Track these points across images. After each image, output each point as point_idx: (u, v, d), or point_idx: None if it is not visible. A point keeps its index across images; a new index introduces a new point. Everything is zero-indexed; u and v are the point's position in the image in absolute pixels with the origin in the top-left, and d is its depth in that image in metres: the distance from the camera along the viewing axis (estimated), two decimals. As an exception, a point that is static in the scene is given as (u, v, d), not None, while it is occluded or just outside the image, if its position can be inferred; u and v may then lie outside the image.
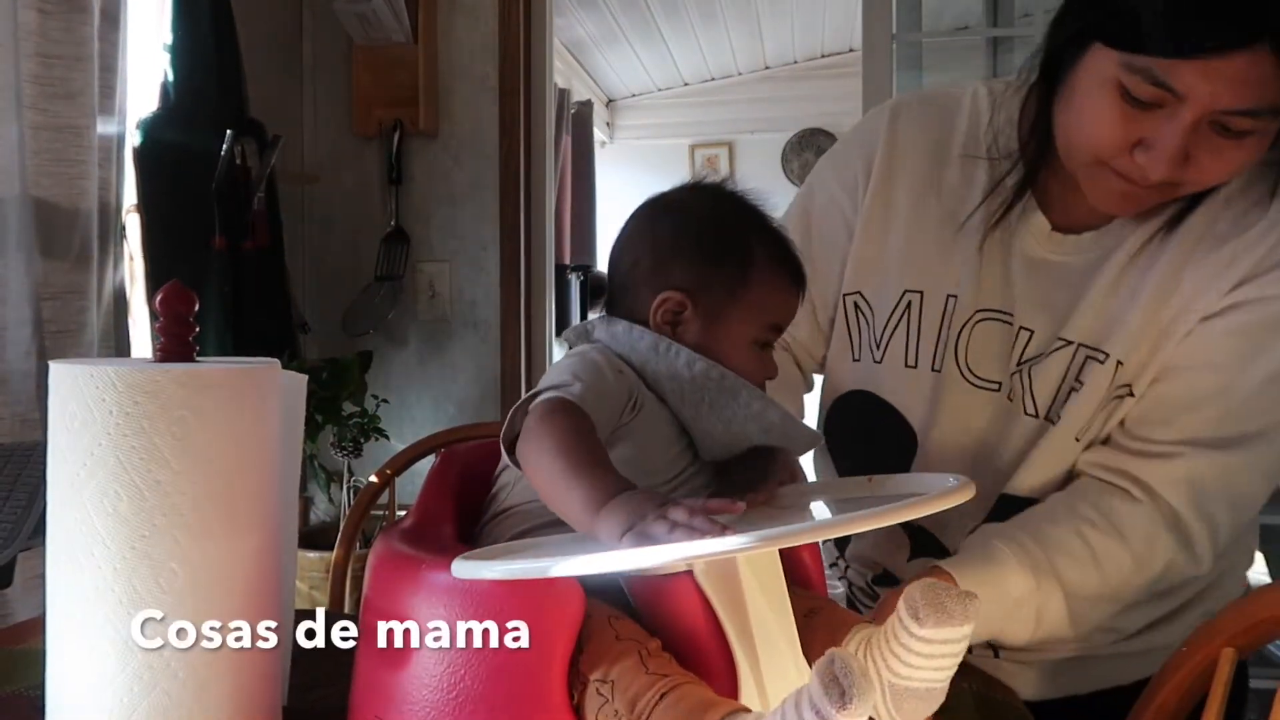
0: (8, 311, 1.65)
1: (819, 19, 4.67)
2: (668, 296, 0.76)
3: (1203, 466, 0.88)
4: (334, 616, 0.68)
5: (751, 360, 0.77)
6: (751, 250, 0.77)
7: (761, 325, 0.77)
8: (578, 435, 0.65)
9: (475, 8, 2.65)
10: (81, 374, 0.62)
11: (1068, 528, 0.87)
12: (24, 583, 1.12)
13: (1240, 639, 0.75)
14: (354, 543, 1.46)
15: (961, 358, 0.98)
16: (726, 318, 0.76)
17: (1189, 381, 0.90)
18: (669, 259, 0.77)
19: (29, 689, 0.84)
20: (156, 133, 2.13)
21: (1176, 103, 0.78)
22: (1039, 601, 0.82)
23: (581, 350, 0.75)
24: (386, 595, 0.66)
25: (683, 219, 0.79)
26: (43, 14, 1.68)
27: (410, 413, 2.67)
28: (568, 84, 4.64)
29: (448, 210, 2.68)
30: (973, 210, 0.98)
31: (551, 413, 0.66)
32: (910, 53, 2.60)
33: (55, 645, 0.64)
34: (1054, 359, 0.94)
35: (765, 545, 0.53)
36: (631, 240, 0.80)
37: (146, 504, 0.61)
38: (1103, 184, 0.87)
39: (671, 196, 0.81)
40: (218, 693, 0.64)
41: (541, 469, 0.64)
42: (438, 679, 0.61)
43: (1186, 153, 0.80)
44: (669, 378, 0.74)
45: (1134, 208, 0.89)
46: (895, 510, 0.56)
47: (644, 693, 0.57)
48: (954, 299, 0.98)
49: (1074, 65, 0.85)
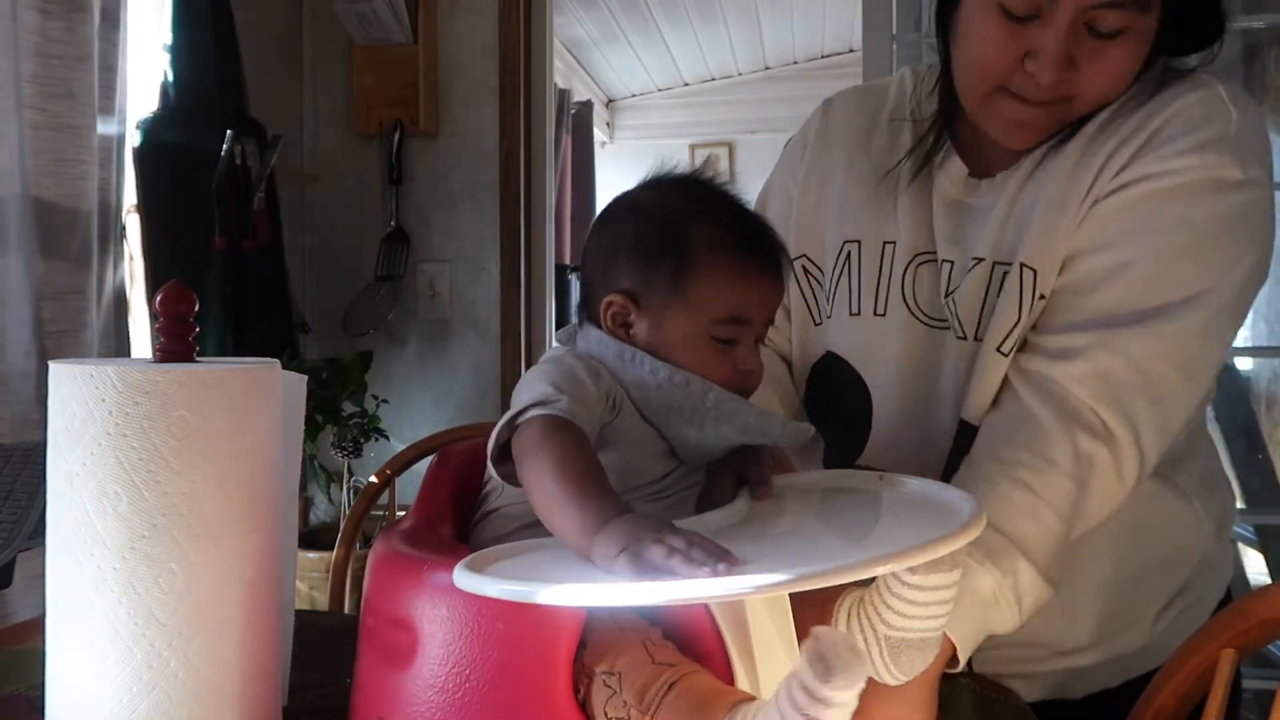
0: (8, 311, 1.65)
1: (819, 19, 4.67)
2: (611, 300, 0.74)
3: (1108, 357, 0.86)
4: (334, 616, 0.68)
5: (709, 359, 0.73)
6: (691, 241, 0.73)
7: (714, 319, 0.73)
8: (576, 455, 0.64)
9: (475, 8, 2.65)
10: (81, 374, 0.62)
11: (1003, 481, 0.83)
12: (24, 583, 1.12)
13: (1240, 639, 0.75)
14: (354, 543, 1.46)
15: (910, 299, 1.00)
16: (672, 315, 0.73)
17: (1086, 265, 0.90)
18: (612, 260, 0.75)
19: (29, 689, 0.84)
20: (156, 133, 2.14)
21: (1050, 9, 0.85)
22: (1011, 582, 0.80)
23: (556, 356, 0.74)
24: (388, 596, 0.66)
25: (627, 215, 0.77)
26: (43, 14, 1.68)
27: (410, 413, 2.67)
28: (568, 84, 4.64)
29: (448, 210, 2.68)
30: (898, 162, 1.03)
31: (549, 432, 0.65)
32: (910, 53, 2.60)
33: (55, 645, 0.64)
34: (970, 277, 0.95)
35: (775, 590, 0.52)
36: (589, 243, 0.79)
37: (146, 504, 0.61)
38: (1001, 113, 0.91)
39: (627, 194, 0.80)
40: (218, 693, 0.64)
41: (541, 490, 0.63)
42: (442, 679, 0.61)
43: (1070, 57, 0.86)
44: (636, 386, 0.72)
45: (1032, 135, 0.93)
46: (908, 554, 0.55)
47: (652, 683, 0.57)
48: (892, 245, 1.02)
49: (956, 5, 0.92)
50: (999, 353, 0.92)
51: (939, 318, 0.98)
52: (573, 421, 0.66)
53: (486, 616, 0.60)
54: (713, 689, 0.57)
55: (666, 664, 0.58)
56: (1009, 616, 0.80)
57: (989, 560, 0.79)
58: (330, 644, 0.96)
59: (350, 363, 2.41)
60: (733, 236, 0.75)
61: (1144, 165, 0.88)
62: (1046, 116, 0.91)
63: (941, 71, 0.99)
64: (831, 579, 0.53)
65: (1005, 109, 0.91)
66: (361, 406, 2.43)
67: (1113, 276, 0.88)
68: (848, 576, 0.53)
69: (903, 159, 1.03)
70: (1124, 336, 0.86)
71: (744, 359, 0.75)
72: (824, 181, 1.09)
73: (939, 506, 0.68)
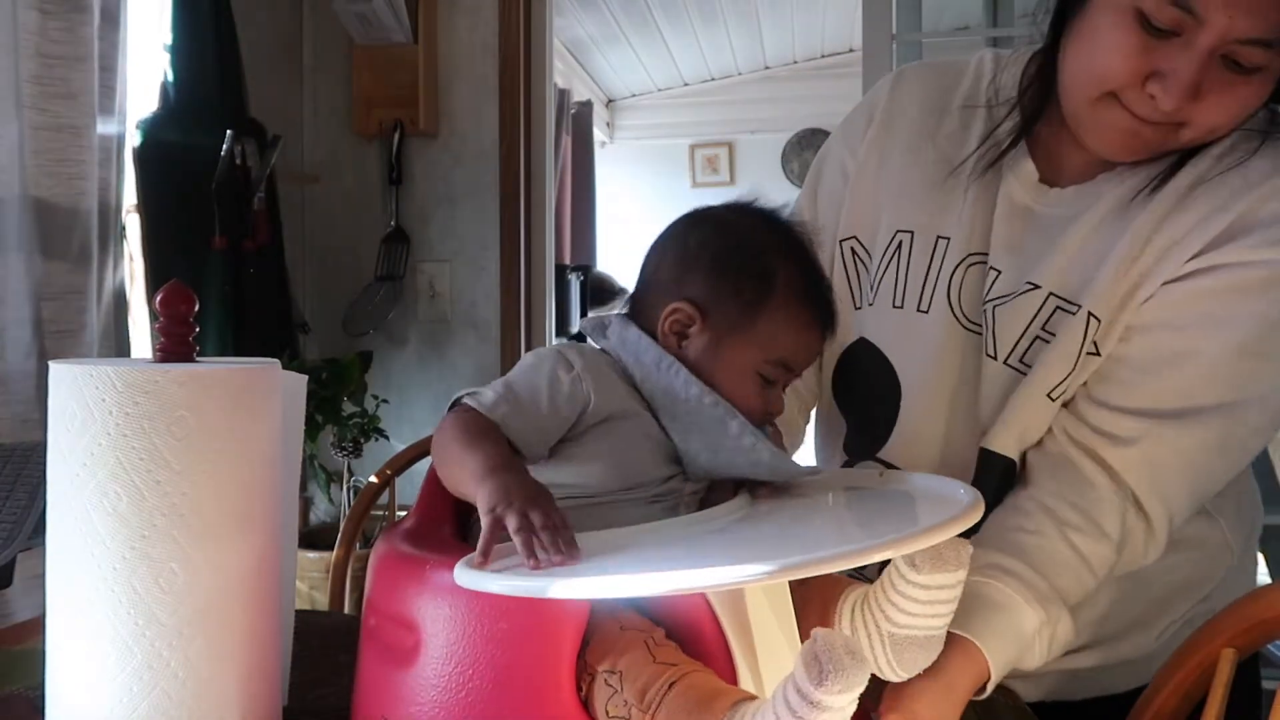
0: (8, 311, 1.65)
1: (819, 19, 4.67)
2: (678, 308, 0.75)
3: (1161, 447, 0.86)
4: (334, 616, 0.68)
5: (751, 393, 0.75)
6: (774, 278, 0.75)
7: (768, 358, 0.75)
8: (479, 422, 0.69)
9: (475, 8, 2.65)
10: (81, 374, 0.62)
11: (1056, 539, 0.84)
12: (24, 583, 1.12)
13: (1240, 639, 0.75)
14: (354, 543, 1.46)
15: (955, 301, 0.97)
16: (733, 342, 0.75)
17: (1150, 343, 0.87)
18: (690, 270, 0.76)
19: (29, 689, 0.84)
20: (157, 133, 2.13)
21: (1194, 29, 0.79)
22: (1050, 629, 0.81)
23: (548, 353, 0.75)
24: (390, 595, 0.66)
25: (714, 233, 0.78)
26: (43, 14, 1.68)
27: (410, 413, 2.67)
28: (568, 84, 4.64)
29: (448, 210, 2.68)
30: (967, 155, 0.98)
31: (450, 415, 0.71)
32: (910, 53, 2.60)
33: (55, 645, 0.64)
34: (1021, 301, 0.92)
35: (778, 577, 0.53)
36: (662, 246, 0.80)
37: (146, 504, 0.61)
38: (1107, 121, 0.87)
39: (713, 210, 0.81)
40: (218, 693, 0.64)
41: (444, 453, 0.69)
42: (445, 678, 0.61)
43: (1198, 86, 0.81)
44: (664, 393, 0.73)
45: (1134, 150, 0.88)
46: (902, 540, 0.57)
47: (653, 682, 0.57)
48: (945, 241, 0.98)
49: (1084, 1, 0.86)
50: (1049, 398, 0.90)
51: (978, 322, 0.96)
52: (488, 419, 0.70)
53: (490, 615, 0.60)
54: (713, 688, 0.57)
55: (668, 663, 0.58)
56: (1038, 655, 0.81)
57: (1039, 603, 0.80)
58: (330, 644, 0.96)
59: (350, 363, 2.41)
60: (810, 288, 0.77)
61: (1231, 251, 0.85)
62: (1154, 135, 0.86)
63: (1042, 63, 0.94)
64: (827, 566, 0.53)
65: (1112, 117, 0.86)
66: (361, 406, 2.43)
67: (1178, 363, 0.86)
68: (843, 564, 0.53)
69: (974, 151, 0.98)
70: (1177, 429, 0.86)
71: (776, 400, 0.77)
72: (882, 163, 1.04)
73: (938, 499, 0.69)
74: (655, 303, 0.77)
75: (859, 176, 1.05)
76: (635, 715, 0.57)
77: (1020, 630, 0.79)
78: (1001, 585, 0.80)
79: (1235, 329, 0.85)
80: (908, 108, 1.05)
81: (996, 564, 0.82)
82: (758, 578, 0.52)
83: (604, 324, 0.79)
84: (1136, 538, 0.87)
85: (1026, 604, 0.80)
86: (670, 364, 0.74)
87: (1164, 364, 0.86)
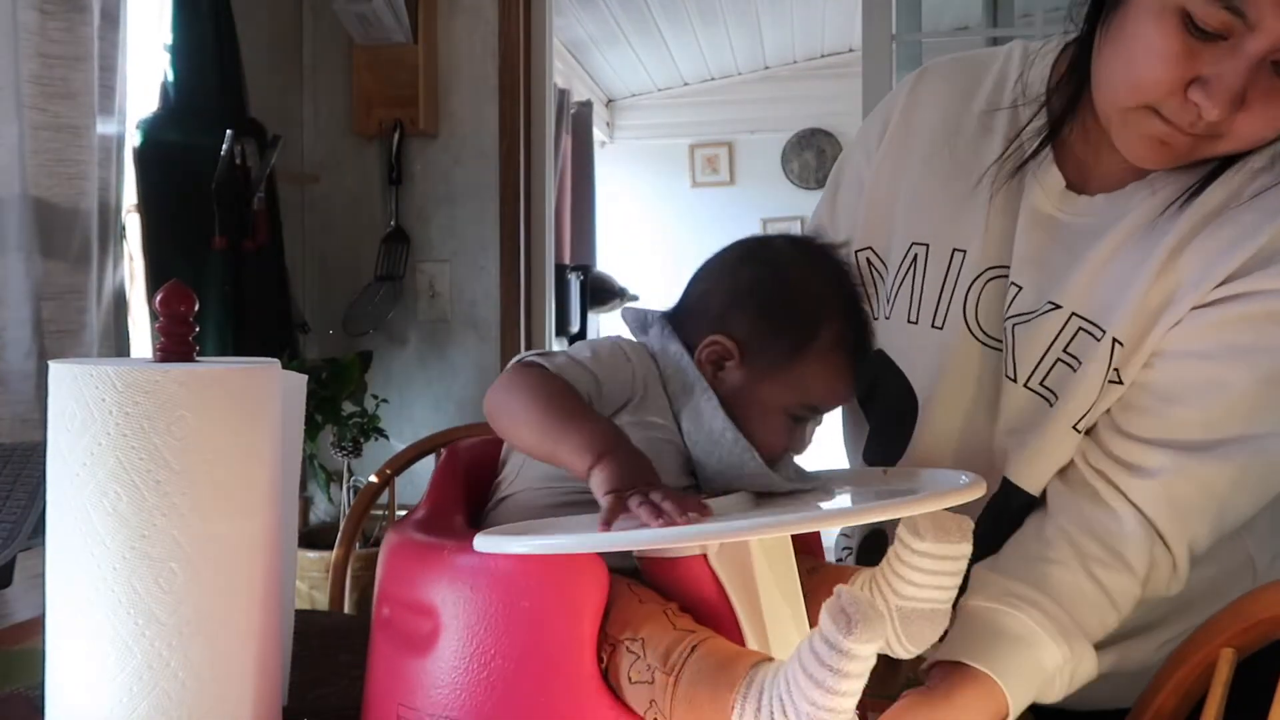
0: (8, 311, 1.65)
1: (819, 19, 4.67)
2: (718, 341, 0.76)
3: (1183, 481, 0.82)
4: (334, 616, 0.68)
5: (777, 431, 0.76)
6: (819, 328, 0.76)
7: (799, 402, 0.77)
8: (563, 389, 0.70)
9: (475, 8, 2.65)
10: (81, 374, 0.62)
11: (1079, 571, 0.81)
12: (24, 583, 1.12)
13: (1239, 639, 0.75)
14: (354, 543, 1.46)
15: (972, 315, 0.93)
16: (768, 383, 0.76)
17: (1175, 371, 0.84)
18: (736, 306, 0.77)
19: (29, 689, 0.84)
20: (156, 133, 2.14)
21: (1243, 34, 0.73)
22: (1073, 665, 0.78)
23: (607, 341, 0.77)
24: (405, 583, 0.66)
25: (768, 271, 0.79)
26: (43, 14, 1.68)
27: (410, 413, 2.67)
28: (568, 84, 4.63)
29: (448, 210, 2.68)
30: (991, 164, 0.93)
31: (526, 367, 0.71)
32: (910, 53, 2.60)
33: (55, 645, 0.64)
34: (1042, 321, 0.88)
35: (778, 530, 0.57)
36: (715, 271, 0.81)
37: (146, 504, 0.61)
38: (1141, 129, 0.81)
39: (771, 245, 0.81)
40: (218, 693, 0.64)
41: (528, 419, 0.69)
42: (466, 660, 0.61)
43: (1243, 94, 0.75)
44: (691, 415, 0.74)
45: (1168, 159, 0.83)
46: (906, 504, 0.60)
47: (675, 646, 0.59)
48: (962, 254, 0.94)
49: None
50: (1074, 429, 0.87)
51: (998, 338, 0.92)
52: (557, 375, 0.70)
53: (511, 594, 0.61)
54: (734, 650, 0.59)
55: (687, 629, 0.60)
56: (1058, 691, 0.79)
57: (1063, 638, 0.78)
58: (330, 644, 0.96)
59: (350, 363, 2.41)
60: (850, 340, 0.78)
61: (1263, 279, 0.81)
62: (1190, 145, 0.81)
63: (1075, 57, 0.88)
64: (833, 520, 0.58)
65: (1147, 125, 0.81)
66: (361, 406, 2.43)
67: (1204, 392, 0.82)
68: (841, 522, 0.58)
69: (996, 160, 0.93)
70: (1202, 462, 0.82)
71: (799, 441, 0.78)
72: (897, 172, 1.00)
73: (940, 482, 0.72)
74: (697, 328, 0.78)
75: (874, 186, 1.02)
76: (659, 679, 0.58)
77: (1041, 666, 0.77)
78: (1024, 617, 0.77)
79: (1265, 359, 0.81)
80: (926, 112, 1.00)
81: (1019, 594, 0.79)
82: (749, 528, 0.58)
83: (646, 321, 0.80)
84: (1161, 571, 0.83)
85: (1050, 639, 0.77)
86: (704, 390, 0.75)
87: (1190, 393, 0.83)
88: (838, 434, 1.12)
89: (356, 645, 0.71)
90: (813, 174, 5.57)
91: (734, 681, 0.56)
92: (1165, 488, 0.82)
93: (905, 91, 1.03)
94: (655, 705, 0.58)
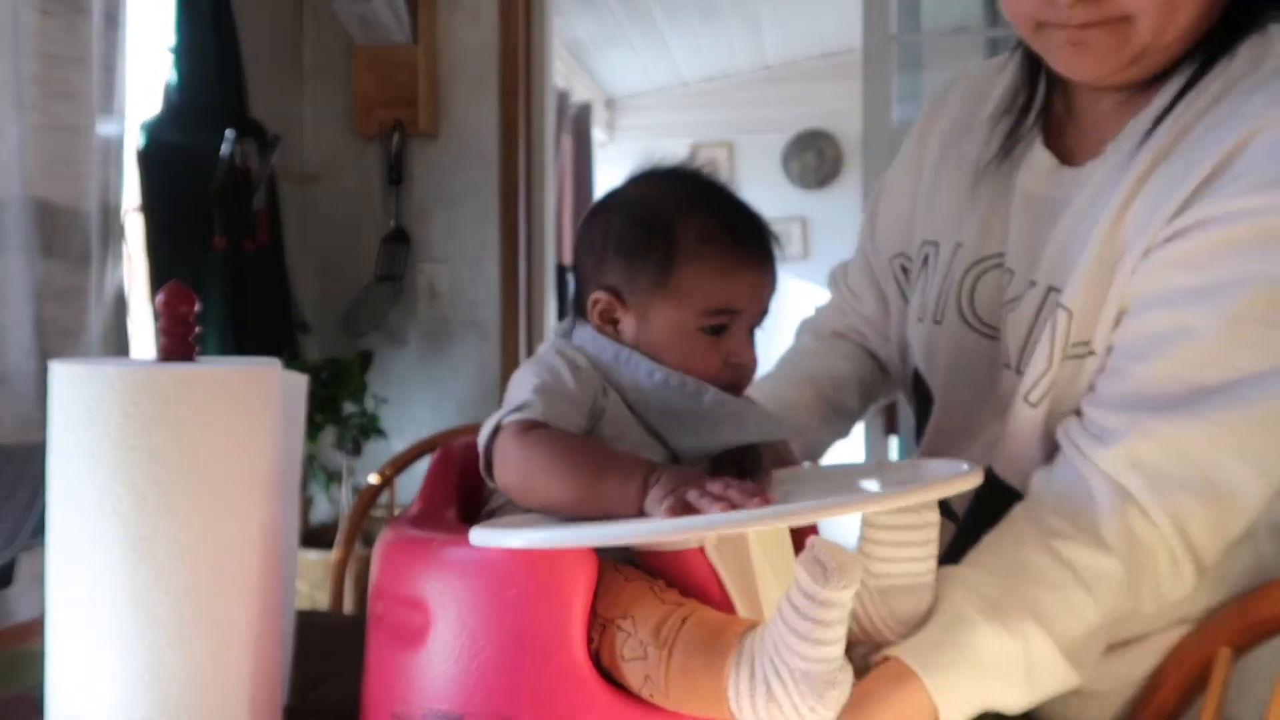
0: (8, 311, 1.65)
1: (819, 18, 4.67)
2: (597, 298, 0.74)
3: (1143, 443, 0.72)
4: (334, 616, 0.69)
5: (698, 352, 0.72)
6: (676, 233, 0.72)
7: (698, 312, 0.72)
8: (575, 440, 0.67)
9: (475, 8, 2.64)
10: (82, 374, 0.62)
11: (1034, 547, 0.71)
12: (24, 583, 1.12)
13: (1238, 638, 0.75)
14: (354, 543, 1.47)
15: (967, 306, 0.92)
16: (657, 309, 0.73)
17: (1140, 324, 0.76)
18: (601, 257, 0.75)
19: (29, 689, 0.84)
20: (157, 133, 2.14)
21: None
22: (1020, 649, 0.67)
23: (541, 352, 0.75)
24: (398, 578, 0.67)
25: (615, 212, 0.77)
26: (43, 14, 1.68)
27: (410, 413, 2.67)
28: (568, 84, 4.63)
29: (448, 210, 2.68)
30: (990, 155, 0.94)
31: (525, 432, 0.67)
32: (910, 53, 2.60)
33: (55, 645, 0.64)
34: (1025, 301, 0.84)
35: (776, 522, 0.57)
36: (578, 240, 0.79)
37: (147, 504, 0.61)
38: (1052, 43, 0.81)
39: (615, 190, 0.79)
40: (218, 693, 0.64)
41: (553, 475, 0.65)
42: (456, 651, 0.62)
43: None
44: (632, 389, 0.72)
45: (1094, 61, 0.79)
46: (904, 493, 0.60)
47: (666, 620, 0.59)
48: (961, 246, 0.94)
49: None
50: (1026, 402, 0.81)
51: (996, 327, 0.90)
52: (546, 424, 0.68)
53: (498, 583, 0.61)
54: (724, 619, 0.59)
55: (676, 603, 0.60)
56: (1016, 692, 0.67)
57: (996, 617, 0.66)
58: (330, 644, 0.96)
59: (350, 363, 2.41)
60: (719, 227, 0.74)
61: (1213, 203, 0.73)
62: (1100, 37, 0.77)
63: None
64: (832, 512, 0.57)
65: (1052, 38, 0.80)
66: (361, 406, 2.43)
67: (1168, 342, 0.74)
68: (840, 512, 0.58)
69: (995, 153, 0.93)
70: (1165, 421, 0.72)
71: (736, 350, 0.74)
72: (916, 177, 1.03)
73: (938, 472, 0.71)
74: (585, 297, 0.76)
75: (898, 195, 1.06)
76: (652, 654, 0.58)
77: (974, 649, 0.65)
78: (954, 596, 0.67)
79: (1225, 296, 0.72)
80: (942, 120, 1.03)
81: (957, 576, 0.70)
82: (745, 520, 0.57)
83: (568, 329, 0.78)
84: (1155, 553, 0.72)
85: (981, 617, 0.66)
86: (627, 356, 0.72)
87: (1152, 346, 0.75)
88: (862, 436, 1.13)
89: (356, 645, 0.71)
90: (813, 174, 5.57)
91: (726, 649, 0.56)
92: (1128, 450, 0.73)
93: (929, 104, 1.06)
94: (650, 680, 0.58)
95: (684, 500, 0.59)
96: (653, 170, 0.80)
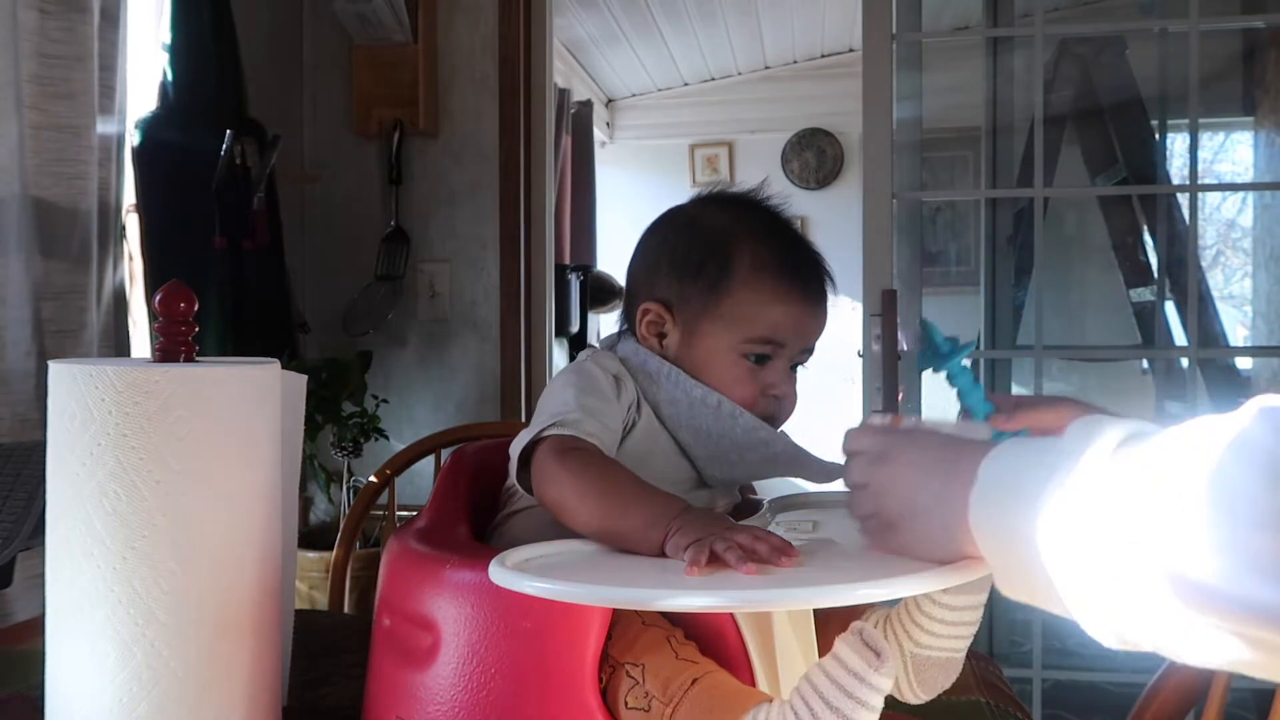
0: (8, 311, 1.65)
1: (819, 19, 4.67)
2: (647, 308, 0.76)
3: None
4: (334, 616, 0.68)
5: (737, 376, 0.73)
6: (730, 255, 0.74)
7: (746, 338, 0.73)
8: (613, 467, 0.66)
9: (475, 8, 2.64)
10: (81, 374, 0.61)
11: None
12: (24, 583, 1.12)
13: (1240, 639, 0.75)
14: (354, 543, 1.46)
15: None
16: (704, 328, 0.74)
17: None
18: (654, 271, 0.77)
19: (29, 689, 0.84)
20: (156, 133, 2.13)
21: None
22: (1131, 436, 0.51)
23: (581, 362, 0.75)
24: (406, 595, 0.66)
25: (672, 229, 0.78)
26: (43, 14, 1.68)
27: (410, 413, 2.66)
28: (568, 84, 4.63)
29: (448, 210, 2.68)
30: None
31: (565, 451, 0.66)
32: (910, 53, 2.60)
33: (55, 645, 0.64)
34: None
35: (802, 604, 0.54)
36: (635, 254, 0.80)
37: (146, 504, 0.61)
38: None
39: (676, 208, 0.81)
40: (218, 692, 0.64)
41: (584, 501, 0.64)
42: (466, 677, 0.61)
43: None
44: (668, 403, 0.73)
45: None
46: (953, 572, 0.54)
47: (676, 677, 0.58)
48: None
49: None
50: None
51: None
52: (589, 441, 0.67)
53: (513, 614, 0.61)
54: (735, 688, 0.58)
55: (690, 661, 0.59)
56: None
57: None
58: (330, 644, 0.95)
59: (350, 363, 2.41)
60: (775, 258, 0.75)
61: None
62: None
63: None
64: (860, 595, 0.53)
65: None
66: (361, 406, 2.43)
67: None
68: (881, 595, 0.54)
69: None
70: None
71: (775, 383, 0.74)
72: None
73: None
74: (634, 309, 0.77)
75: None
76: (655, 707, 0.57)
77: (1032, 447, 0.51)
78: None
79: None
80: None
81: None
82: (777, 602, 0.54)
83: (612, 343, 0.79)
84: None
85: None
86: (669, 371, 0.73)
87: None
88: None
89: (356, 645, 0.71)
90: (813, 174, 5.57)
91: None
92: None
93: None
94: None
95: (709, 550, 0.57)
96: (720, 192, 0.81)
